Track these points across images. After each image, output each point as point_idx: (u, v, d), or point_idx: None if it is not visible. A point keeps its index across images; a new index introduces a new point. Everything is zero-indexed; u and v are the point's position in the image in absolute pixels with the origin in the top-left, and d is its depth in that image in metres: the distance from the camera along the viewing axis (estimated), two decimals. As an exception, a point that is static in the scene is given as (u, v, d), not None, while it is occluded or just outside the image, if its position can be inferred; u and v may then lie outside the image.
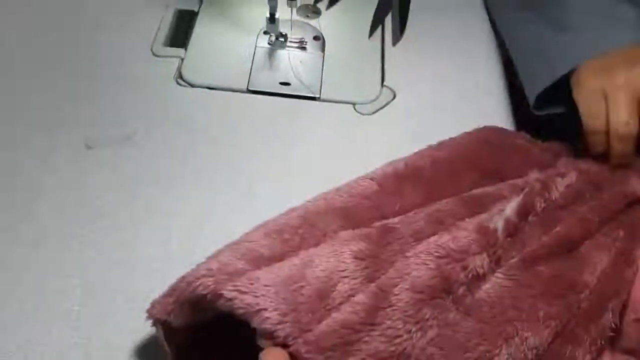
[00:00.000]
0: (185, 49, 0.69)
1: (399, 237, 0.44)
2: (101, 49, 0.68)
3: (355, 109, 0.65)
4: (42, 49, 0.68)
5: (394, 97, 0.67)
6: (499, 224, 0.45)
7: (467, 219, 0.45)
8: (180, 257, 0.48)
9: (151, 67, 0.67)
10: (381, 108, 0.65)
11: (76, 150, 0.59)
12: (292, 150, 0.61)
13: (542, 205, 0.48)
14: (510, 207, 0.47)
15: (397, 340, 0.38)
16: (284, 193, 0.52)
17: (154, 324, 0.43)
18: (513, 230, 0.46)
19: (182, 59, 0.68)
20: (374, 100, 0.66)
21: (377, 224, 0.46)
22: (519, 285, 0.42)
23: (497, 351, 0.39)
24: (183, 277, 0.42)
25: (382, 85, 0.68)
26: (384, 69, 0.69)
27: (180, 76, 0.66)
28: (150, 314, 0.43)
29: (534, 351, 0.40)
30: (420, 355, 0.38)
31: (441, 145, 0.55)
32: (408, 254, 0.42)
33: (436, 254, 0.42)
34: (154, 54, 0.69)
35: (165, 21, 0.72)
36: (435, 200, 0.48)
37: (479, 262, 0.42)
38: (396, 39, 0.73)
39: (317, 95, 0.66)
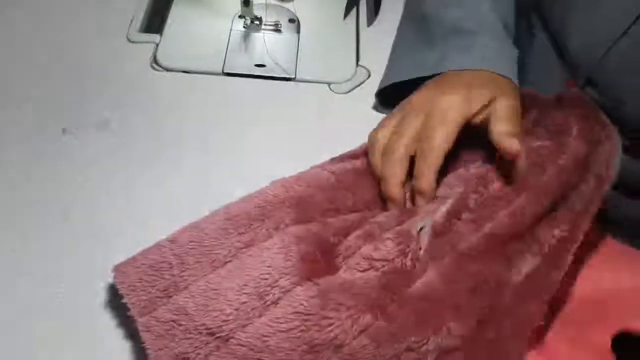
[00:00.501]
0: (161, 35, 0.69)
1: (337, 254, 0.46)
2: (76, 36, 0.69)
3: (330, 89, 0.66)
4: (17, 36, 0.68)
5: (369, 76, 0.67)
6: (425, 227, 0.47)
7: (392, 229, 0.47)
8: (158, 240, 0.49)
9: (126, 54, 0.67)
10: (356, 87, 0.66)
11: (52, 136, 0.59)
12: (269, 130, 0.62)
13: (479, 200, 0.48)
14: (440, 211, 0.47)
15: (329, 329, 0.41)
16: (262, 173, 0.52)
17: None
18: (440, 231, 0.46)
19: (157, 45, 0.68)
20: (349, 79, 0.67)
21: (331, 221, 0.48)
22: (447, 281, 0.43)
23: (425, 341, 0.41)
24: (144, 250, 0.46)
25: (357, 64, 0.68)
26: (359, 49, 0.70)
27: (155, 61, 0.67)
28: (117, 280, 0.45)
29: (459, 339, 0.42)
30: (354, 345, 0.41)
31: None
32: (339, 270, 0.45)
33: (360, 268, 0.44)
34: (129, 41, 0.69)
35: (140, 8, 0.72)
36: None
37: (400, 264, 0.44)
38: (371, 20, 0.73)
39: (293, 76, 0.66)
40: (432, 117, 0.50)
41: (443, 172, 0.50)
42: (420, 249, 0.46)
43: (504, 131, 0.49)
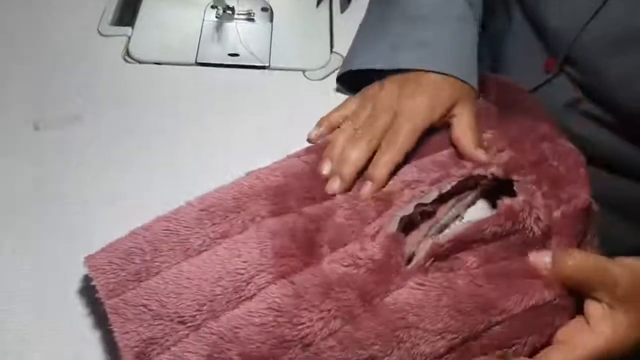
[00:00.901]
0: (132, 27, 0.69)
1: (319, 243, 0.46)
2: (47, 30, 0.68)
3: (305, 76, 0.66)
4: (-15, 34, 0.67)
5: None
6: (423, 245, 0.46)
7: (373, 222, 0.47)
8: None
9: (98, 47, 0.67)
10: (331, 73, 0.66)
11: (24, 132, 0.58)
12: (244, 119, 0.61)
13: (498, 235, 0.46)
14: (445, 235, 0.46)
15: (300, 327, 0.41)
16: (238, 163, 0.52)
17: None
18: (441, 253, 0.46)
19: (129, 37, 0.67)
20: (324, 66, 0.66)
21: (305, 210, 0.48)
22: (426, 295, 0.43)
23: (388, 352, 0.41)
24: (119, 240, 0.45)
25: (331, 51, 0.68)
26: (333, 36, 0.70)
27: (128, 54, 0.66)
28: (88, 263, 0.45)
29: (423, 357, 0.42)
30: (321, 345, 0.41)
31: None
32: (322, 261, 0.45)
33: (344, 263, 0.45)
34: (100, 34, 0.68)
35: (111, 1, 0.71)
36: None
37: (383, 268, 0.44)
38: (344, 6, 0.73)
39: (267, 64, 0.66)
40: (399, 116, 0.53)
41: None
42: (408, 259, 0.45)
43: (471, 143, 0.52)
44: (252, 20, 0.70)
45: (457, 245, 0.46)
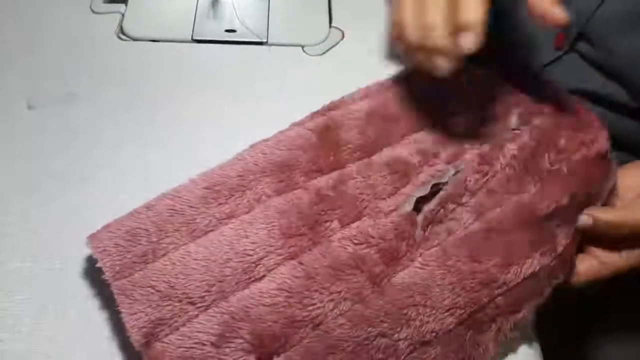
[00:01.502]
0: (126, 4, 0.67)
1: (327, 219, 0.45)
2: (39, 9, 0.66)
3: (304, 51, 0.64)
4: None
5: (343, 36, 0.66)
6: (419, 216, 0.46)
7: (388, 199, 0.47)
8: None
9: (91, 25, 0.65)
10: (330, 49, 0.64)
11: (18, 111, 0.57)
12: (243, 95, 0.60)
13: (480, 181, 0.47)
14: (436, 198, 0.47)
15: (310, 308, 0.41)
16: (239, 140, 0.51)
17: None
18: (434, 218, 0.46)
19: (123, 14, 0.66)
20: (323, 41, 0.65)
21: (312, 184, 0.47)
22: (431, 275, 0.43)
23: (398, 329, 0.42)
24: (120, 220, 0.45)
25: (330, 26, 0.67)
26: (331, 10, 0.68)
27: (122, 31, 0.64)
28: (92, 245, 0.44)
29: (433, 334, 0.42)
30: (331, 324, 0.41)
31: (374, 91, 0.55)
32: (332, 239, 0.45)
33: (355, 241, 0.44)
34: (93, 12, 0.66)
35: (103, -22, 0.70)
36: (368, 150, 0.50)
37: (394, 247, 0.44)
38: (342, -20, 0.71)
39: (265, 40, 0.64)
40: None
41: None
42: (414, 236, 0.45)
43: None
44: (248, -5, 0.68)
45: (446, 204, 0.46)
